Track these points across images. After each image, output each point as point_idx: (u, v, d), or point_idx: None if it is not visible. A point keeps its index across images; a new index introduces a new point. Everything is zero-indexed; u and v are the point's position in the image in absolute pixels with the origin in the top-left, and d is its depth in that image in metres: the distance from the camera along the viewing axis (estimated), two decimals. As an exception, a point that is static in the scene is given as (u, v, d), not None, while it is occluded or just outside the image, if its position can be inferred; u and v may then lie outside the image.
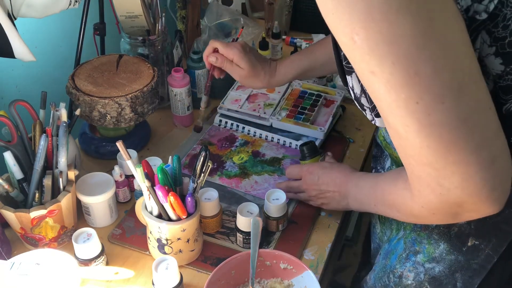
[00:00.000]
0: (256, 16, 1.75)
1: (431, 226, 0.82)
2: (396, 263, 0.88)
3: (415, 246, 0.85)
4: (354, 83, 0.71)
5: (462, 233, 0.79)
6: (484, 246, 0.77)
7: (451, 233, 0.80)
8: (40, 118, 0.98)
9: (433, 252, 0.82)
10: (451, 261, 0.81)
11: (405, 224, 0.90)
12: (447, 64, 0.53)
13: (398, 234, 0.92)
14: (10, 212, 0.91)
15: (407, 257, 0.86)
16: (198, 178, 0.90)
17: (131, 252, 0.99)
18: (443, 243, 0.81)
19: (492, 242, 0.77)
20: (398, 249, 0.89)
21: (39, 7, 0.99)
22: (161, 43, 1.28)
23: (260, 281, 0.91)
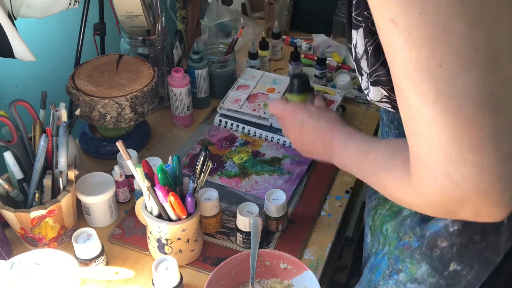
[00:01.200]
0: (256, 16, 1.75)
1: (414, 245, 0.78)
2: (380, 279, 0.84)
3: (398, 264, 0.81)
4: (358, 40, 0.63)
5: (444, 256, 0.74)
6: (466, 272, 0.73)
7: (433, 255, 0.75)
8: (40, 118, 0.98)
9: (415, 272, 0.78)
10: (432, 285, 0.76)
11: (390, 239, 0.85)
12: (483, 25, 0.46)
13: (384, 249, 0.87)
14: (10, 212, 0.91)
15: (390, 274, 0.82)
16: (198, 178, 0.90)
17: (131, 252, 0.99)
18: (425, 264, 0.77)
19: (475, 269, 0.72)
20: (382, 265, 0.85)
21: (39, 7, 0.99)
22: (161, 43, 1.28)
23: (260, 281, 0.91)
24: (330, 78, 1.43)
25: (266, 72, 1.40)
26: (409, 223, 0.80)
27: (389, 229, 0.85)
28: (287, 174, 1.15)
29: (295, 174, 1.15)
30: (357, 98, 1.39)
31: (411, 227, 0.79)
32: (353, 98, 1.39)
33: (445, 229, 0.73)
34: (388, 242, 0.86)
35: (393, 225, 0.84)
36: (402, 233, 0.81)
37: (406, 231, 0.80)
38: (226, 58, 1.36)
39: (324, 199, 1.11)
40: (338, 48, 1.53)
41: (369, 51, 0.62)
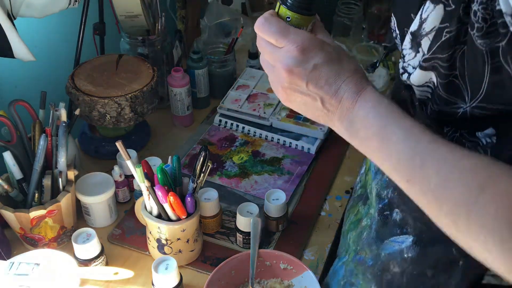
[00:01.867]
0: (256, 16, 1.74)
1: (368, 263, 0.74)
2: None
3: (352, 278, 0.79)
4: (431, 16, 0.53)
5: (394, 283, 0.72)
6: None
7: (384, 279, 0.73)
8: (40, 118, 0.98)
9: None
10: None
11: (349, 250, 0.80)
12: None
13: (344, 257, 0.83)
14: (9, 212, 0.91)
15: (344, 285, 0.81)
16: (198, 178, 0.90)
17: (131, 252, 0.99)
18: (374, 285, 0.75)
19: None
20: (339, 274, 0.83)
21: (39, 7, 0.99)
22: (161, 43, 1.27)
23: (260, 281, 0.91)
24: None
25: (265, 72, 1.40)
26: (366, 238, 0.76)
27: (351, 239, 0.82)
28: (287, 174, 1.15)
29: (295, 174, 1.15)
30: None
31: (368, 243, 0.75)
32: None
33: (399, 254, 0.70)
34: (348, 252, 0.82)
35: (354, 236, 0.81)
36: (360, 247, 0.78)
37: (363, 246, 0.77)
38: (226, 58, 1.36)
39: (324, 199, 1.11)
40: (338, 48, 1.53)
41: (443, 37, 0.53)
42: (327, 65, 0.57)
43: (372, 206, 0.75)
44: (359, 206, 0.84)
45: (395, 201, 0.68)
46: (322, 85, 0.57)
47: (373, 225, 0.74)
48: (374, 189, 0.74)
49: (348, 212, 0.90)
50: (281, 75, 0.58)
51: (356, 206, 0.86)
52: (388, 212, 0.71)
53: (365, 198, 0.81)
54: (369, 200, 0.78)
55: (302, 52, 0.56)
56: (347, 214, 0.90)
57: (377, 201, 0.73)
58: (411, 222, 0.68)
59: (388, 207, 0.71)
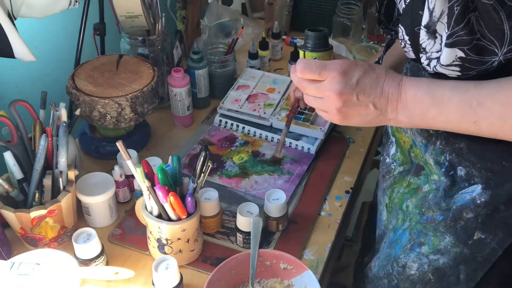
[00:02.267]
0: (256, 16, 1.75)
1: (438, 219, 0.81)
2: (401, 253, 0.87)
3: (420, 238, 0.84)
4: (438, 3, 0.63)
5: (468, 227, 0.78)
6: (490, 240, 0.77)
7: (457, 227, 0.79)
8: (40, 118, 0.98)
9: (438, 244, 0.81)
10: (456, 254, 0.80)
11: (411, 215, 0.88)
12: None
13: (404, 224, 0.90)
14: (10, 212, 0.91)
15: (412, 248, 0.85)
16: (198, 178, 0.91)
17: (131, 252, 0.99)
18: (449, 236, 0.80)
19: (499, 236, 0.76)
20: (403, 240, 0.88)
21: (39, 7, 0.99)
22: (161, 43, 1.28)
23: (260, 281, 0.91)
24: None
25: (266, 72, 1.40)
26: (432, 199, 0.82)
27: (410, 206, 0.87)
28: (287, 174, 1.15)
29: (295, 174, 1.15)
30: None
31: (435, 202, 0.81)
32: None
33: (472, 201, 0.76)
34: (409, 218, 0.88)
35: (414, 202, 0.86)
36: (425, 209, 0.83)
37: (429, 206, 0.82)
38: (226, 58, 1.36)
39: (324, 199, 1.11)
40: (338, 48, 1.53)
41: (455, 11, 0.62)
42: (366, 75, 0.71)
43: (434, 172, 0.83)
44: (408, 179, 0.89)
45: (455, 161, 0.78)
46: (369, 91, 0.71)
47: (441, 187, 0.81)
48: (430, 159, 0.81)
49: (389, 189, 0.94)
50: (333, 100, 0.72)
51: (403, 180, 0.90)
52: (453, 172, 0.79)
53: (417, 170, 0.87)
54: (424, 170, 0.85)
55: (343, 75, 0.71)
56: (387, 191, 0.95)
57: (438, 167, 0.80)
58: (476, 173, 0.76)
59: (450, 168, 0.79)
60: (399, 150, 0.93)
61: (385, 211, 0.98)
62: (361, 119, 0.73)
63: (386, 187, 0.95)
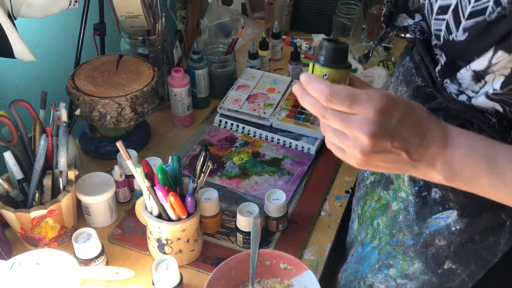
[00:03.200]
0: (256, 16, 1.75)
1: (408, 243, 0.77)
2: (368, 272, 0.84)
3: (389, 260, 0.80)
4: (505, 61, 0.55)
5: (439, 255, 0.74)
6: (461, 271, 0.73)
7: (428, 253, 0.75)
8: (40, 118, 0.98)
9: (407, 269, 0.78)
10: (424, 281, 0.76)
11: (381, 234, 0.83)
12: None
13: (373, 242, 0.85)
14: (10, 212, 0.91)
15: (380, 268, 0.82)
16: (198, 178, 0.91)
17: (131, 252, 0.99)
18: (418, 262, 0.76)
19: (470, 268, 0.72)
20: (372, 259, 0.84)
21: (39, 7, 0.99)
22: (161, 43, 1.28)
23: (260, 281, 0.91)
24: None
25: (266, 72, 1.40)
26: (403, 221, 0.78)
27: (381, 225, 0.83)
28: (287, 174, 1.15)
29: (296, 174, 1.15)
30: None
31: (407, 225, 0.77)
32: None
33: (446, 228, 0.72)
34: (378, 237, 0.84)
35: (385, 221, 0.82)
36: (396, 230, 0.79)
37: (401, 228, 0.78)
38: (226, 58, 1.36)
39: (324, 199, 1.11)
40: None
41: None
42: (407, 118, 0.56)
43: (402, 189, 0.77)
44: (378, 192, 0.84)
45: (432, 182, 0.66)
46: (407, 138, 0.56)
47: (410, 208, 0.76)
48: (406, 174, 0.74)
49: (362, 200, 0.90)
50: (362, 142, 0.56)
51: (374, 192, 0.86)
52: (426, 193, 0.73)
53: (386, 183, 0.81)
54: (393, 184, 0.79)
55: (381, 114, 0.55)
56: (360, 202, 0.91)
57: (411, 184, 0.75)
58: (452, 197, 0.70)
59: (424, 188, 0.73)
60: None
61: (357, 221, 0.94)
62: (386, 166, 0.59)
63: (360, 196, 0.92)
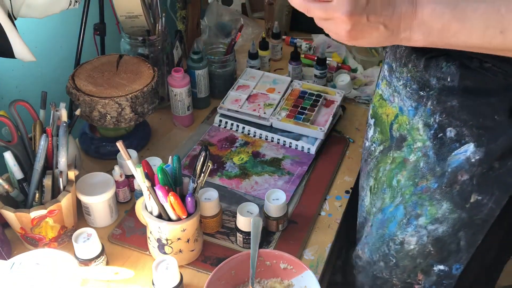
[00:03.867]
0: (256, 16, 1.75)
1: (433, 187, 0.80)
2: (396, 230, 0.86)
3: (417, 210, 0.83)
4: None
5: (464, 190, 0.77)
6: (487, 200, 0.76)
7: (453, 192, 0.78)
8: (40, 118, 0.98)
9: (436, 213, 0.81)
10: (455, 220, 0.80)
11: (403, 189, 0.85)
12: None
13: (394, 201, 0.88)
14: (10, 212, 0.91)
15: (408, 221, 0.84)
16: (198, 178, 0.91)
17: (131, 252, 0.99)
18: (445, 202, 0.79)
19: (495, 195, 0.75)
20: (397, 216, 0.86)
21: (39, 7, 0.99)
22: (161, 43, 1.28)
23: (260, 281, 0.91)
24: (330, 78, 1.43)
25: (266, 72, 1.40)
26: (424, 166, 0.81)
27: (402, 180, 0.86)
28: (287, 174, 1.15)
29: (296, 174, 1.15)
30: (357, 98, 1.39)
31: (429, 168, 0.80)
32: (353, 98, 1.39)
33: (467, 161, 0.75)
34: (400, 193, 0.86)
35: (406, 174, 0.85)
36: (419, 179, 0.82)
37: (423, 175, 0.81)
38: (226, 58, 1.36)
39: (324, 199, 1.11)
40: (338, 48, 1.53)
41: None
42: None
43: (418, 140, 0.81)
44: (391, 155, 0.88)
45: (445, 122, 0.76)
46: (380, 11, 0.63)
47: (429, 152, 0.80)
48: (420, 122, 0.80)
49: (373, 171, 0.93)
50: (343, 22, 0.64)
51: (386, 157, 0.89)
52: (441, 134, 0.78)
53: (398, 143, 0.86)
54: (406, 141, 0.84)
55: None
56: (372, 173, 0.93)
57: (426, 130, 0.80)
58: (467, 132, 0.75)
59: (439, 130, 0.78)
60: (377, 130, 0.92)
61: (368, 196, 0.96)
62: (371, 40, 0.67)
63: (370, 169, 0.94)
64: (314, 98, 1.31)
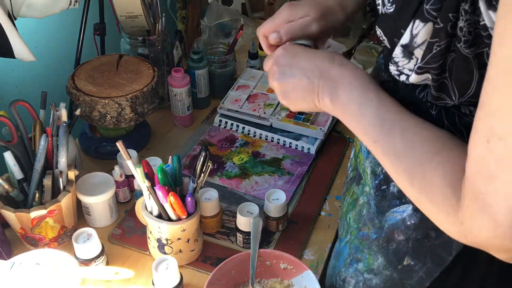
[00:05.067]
0: (256, 16, 1.75)
1: (372, 237, 0.78)
2: (342, 266, 0.85)
3: (358, 254, 0.82)
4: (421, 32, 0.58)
5: (399, 251, 0.74)
6: (418, 268, 0.73)
7: (389, 248, 0.76)
8: (40, 118, 0.98)
9: (372, 263, 0.79)
10: (386, 277, 0.77)
11: (351, 229, 0.84)
12: None
13: (346, 237, 0.86)
14: (10, 212, 0.91)
15: (351, 262, 0.83)
16: (198, 178, 0.91)
17: (131, 252, 0.99)
18: (381, 256, 0.77)
19: (427, 265, 0.72)
20: (345, 253, 0.86)
21: (39, 7, 0.99)
22: (161, 43, 1.28)
23: (260, 281, 0.91)
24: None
25: (266, 72, 1.40)
26: (366, 214, 0.79)
27: (351, 219, 0.85)
28: (287, 174, 1.15)
29: (296, 174, 1.15)
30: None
31: (369, 218, 0.79)
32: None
33: (402, 222, 0.73)
34: (350, 231, 0.85)
35: (354, 215, 0.84)
36: (362, 224, 0.81)
37: (365, 222, 0.80)
38: (226, 58, 1.36)
39: (324, 199, 1.11)
40: (338, 48, 1.53)
41: (433, 50, 0.58)
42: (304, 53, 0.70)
43: (367, 184, 0.79)
44: (353, 188, 0.86)
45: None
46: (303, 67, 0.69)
47: (371, 201, 0.78)
48: (368, 167, 0.78)
49: (344, 196, 0.92)
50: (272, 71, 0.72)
51: (350, 188, 0.87)
52: (385, 186, 0.75)
53: (358, 179, 0.84)
54: (362, 179, 0.82)
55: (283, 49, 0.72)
56: (343, 198, 0.92)
57: (373, 178, 0.77)
58: None
59: (384, 181, 0.75)
60: (353, 154, 0.90)
61: None
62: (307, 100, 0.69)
63: (342, 193, 0.93)
64: (314, 98, 1.30)
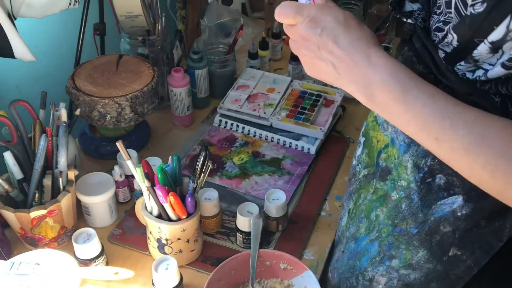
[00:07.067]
0: (256, 16, 1.75)
1: (412, 232, 0.77)
2: (368, 266, 0.83)
3: (391, 251, 0.79)
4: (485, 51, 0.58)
5: (444, 242, 0.73)
6: (466, 257, 0.72)
7: (433, 241, 0.74)
8: (40, 118, 0.98)
9: (411, 258, 0.77)
10: (429, 270, 0.76)
11: (381, 225, 0.81)
12: None
13: (370, 235, 0.84)
14: (10, 212, 0.91)
15: (381, 260, 0.81)
16: (198, 178, 0.91)
17: (131, 252, 0.99)
18: (422, 250, 0.76)
19: (476, 254, 0.71)
20: (371, 252, 0.83)
21: (39, 7, 0.99)
22: (161, 43, 1.28)
23: (260, 281, 0.91)
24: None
25: (266, 72, 1.40)
26: (406, 209, 0.77)
27: (381, 216, 0.82)
28: (287, 174, 1.15)
29: (296, 174, 1.15)
30: (357, 98, 1.39)
31: (411, 213, 0.77)
32: (353, 98, 1.39)
33: (452, 214, 0.72)
34: (377, 229, 0.83)
35: (386, 212, 0.81)
36: (398, 220, 0.79)
37: (404, 217, 0.78)
38: (226, 58, 1.36)
39: (324, 199, 1.11)
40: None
41: None
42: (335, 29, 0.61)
43: (403, 178, 0.77)
44: (373, 184, 0.84)
45: (436, 167, 0.72)
46: (330, 49, 0.61)
47: (414, 195, 0.76)
48: (409, 161, 0.76)
49: (355, 194, 0.89)
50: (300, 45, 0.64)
51: (368, 185, 0.85)
52: (430, 179, 0.73)
53: (382, 174, 0.82)
54: (391, 175, 0.80)
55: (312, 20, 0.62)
56: (353, 197, 0.90)
57: (415, 172, 0.75)
58: (458, 183, 0.70)
59: (429, 174, 0.73)
60: (365, 152, 0.88)
61: (346, 216, 0.93)
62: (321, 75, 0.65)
63: (352, 191, 0.91)
64: (314, 98, 1.30)
